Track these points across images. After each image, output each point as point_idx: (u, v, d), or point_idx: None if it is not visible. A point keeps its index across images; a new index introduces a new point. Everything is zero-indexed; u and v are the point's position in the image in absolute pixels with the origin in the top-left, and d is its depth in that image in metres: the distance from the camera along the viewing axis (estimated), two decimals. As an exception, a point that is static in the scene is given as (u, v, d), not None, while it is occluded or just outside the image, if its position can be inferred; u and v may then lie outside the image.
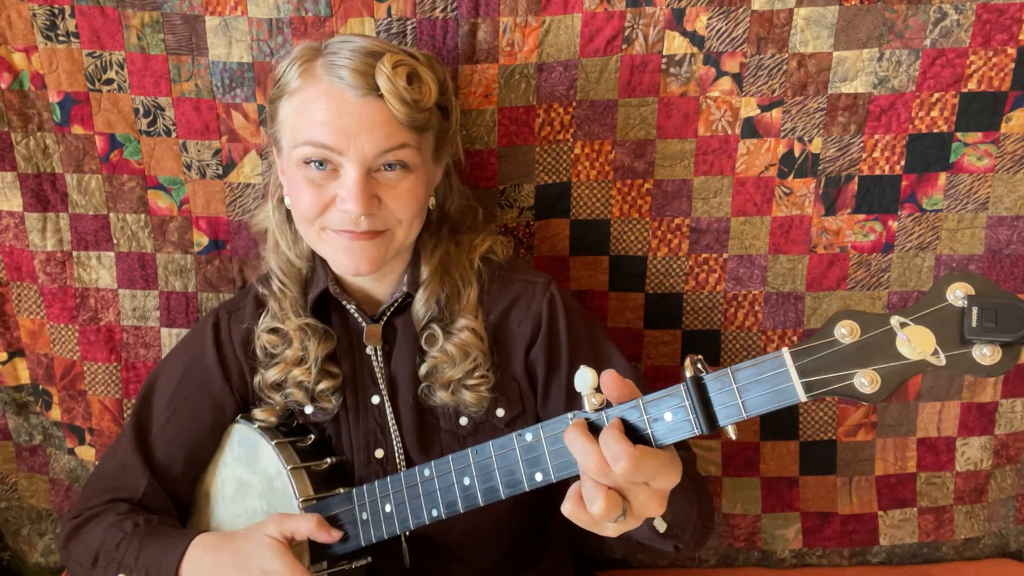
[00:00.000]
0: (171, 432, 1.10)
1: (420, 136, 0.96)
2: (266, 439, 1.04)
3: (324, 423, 1.07)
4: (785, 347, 0.67)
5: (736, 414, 0.67)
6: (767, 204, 1.22)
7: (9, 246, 1.30)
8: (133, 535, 1.02)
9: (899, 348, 0.61)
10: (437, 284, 1.03)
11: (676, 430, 0.70)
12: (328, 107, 0.92)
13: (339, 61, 0.92)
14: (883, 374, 0.62)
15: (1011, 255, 1.23)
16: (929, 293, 0.63)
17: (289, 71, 0.96)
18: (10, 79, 1.21)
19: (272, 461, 1.03)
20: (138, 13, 1.17)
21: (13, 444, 1.44)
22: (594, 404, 0.73)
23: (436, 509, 0.89)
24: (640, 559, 1.38)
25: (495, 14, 1.14)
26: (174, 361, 1.13)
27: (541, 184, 1.23)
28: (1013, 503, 1.38)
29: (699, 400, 0.69)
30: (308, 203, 0.95)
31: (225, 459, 1.11)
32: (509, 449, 0.81)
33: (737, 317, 1.27)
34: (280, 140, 0.99)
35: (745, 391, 0.67)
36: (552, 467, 0.78)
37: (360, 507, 0.95)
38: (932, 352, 0.61)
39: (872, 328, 0.62)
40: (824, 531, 1.36)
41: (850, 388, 0.63)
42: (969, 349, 0.60)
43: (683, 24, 1.14)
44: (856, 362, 0.62)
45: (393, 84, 0.91)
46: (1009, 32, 1.13)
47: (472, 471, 0.85)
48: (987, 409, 1.32)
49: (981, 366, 0.60)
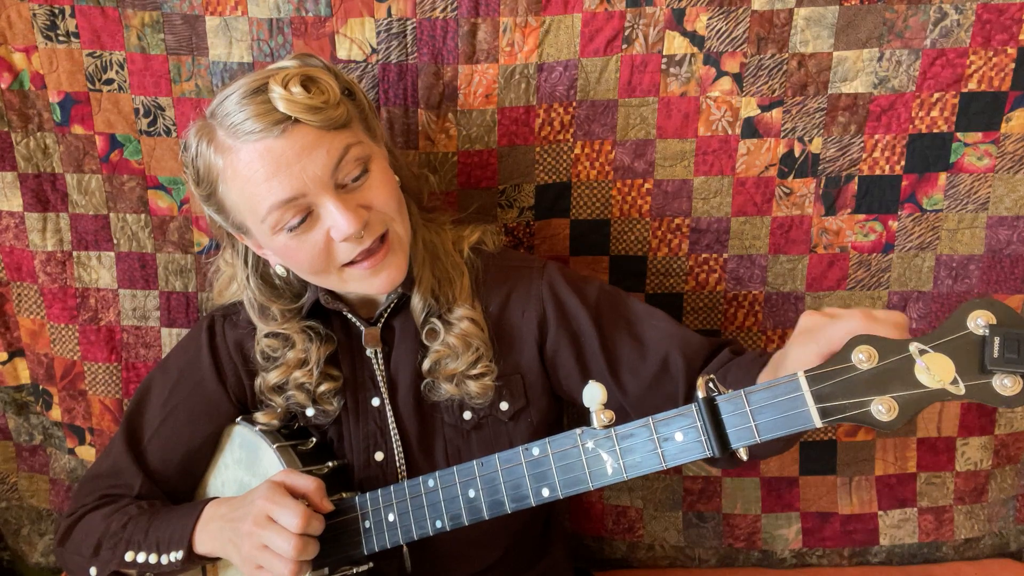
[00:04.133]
0: (165, 436, 1.09)
1: (349, 130, 0.92)
2: (267, 442, 1.04)
3: (326, 425, 1.07)
4: (800, 371, 0.65)
5: (749, 437, 0.66)
6: (767, 204, 1.22)
7: (9, 246, 1.30)
8: (139, 516, 1.03)
9: (918, 376, 0.60)
10: (428, 273, 1.02)
11: (687, 451, 0.69)
12: (263, 166, 0.88)
13: (236, 119, 0.88)
14: (901, 402, 0.60)
15: (1011, 255, 1.23)
16: (949, 320, 0.62)
17: (202, 160, 0.93)
18: (10, 79, 1.21)
19: (273, 464, 1.03)
20: (138, 13, 1.17)
21: (13, 444, 1.44)
22: (603, 421, 0.73)
23: (440, 520, 0.88)
24: (643, 556, 1.39)
25: (495, 14, 1.14)
26: (169, 366, 1.13)
27: (541, 184, 1.24)
28: (1013, 503, 1.38)
29: (711, 421, 0.68)
30: (311, 259, 0.93)
31: (225, 460, 1.11)
32: (515, 464, 0.80)
33: (737, 317, 1.27)
34: (242, 223, 0.95)
35: (759, 414, 0.65)
36: (560, 483, 0.77)
37: (363, 515, 0.95)
38: (951, 381, 0.60)
39: (890, 354, 0.61)
40: (824, 531, 1.36)
41: (867, 415, 0.61)
42: (989, 379, 0.59)
43: (683, 24, 1.14)
44: (874, 389, 0.61)
45: (293, 102, 0.87)
46: (1009, 32, 1.13)
47: (477, 484, 0.84)
48: (987, 409, 1.32)
49: (1002, 396, 0.59)
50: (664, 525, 1.37)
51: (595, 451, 0.74)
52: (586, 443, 0.75)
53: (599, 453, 0.74)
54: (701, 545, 1.38)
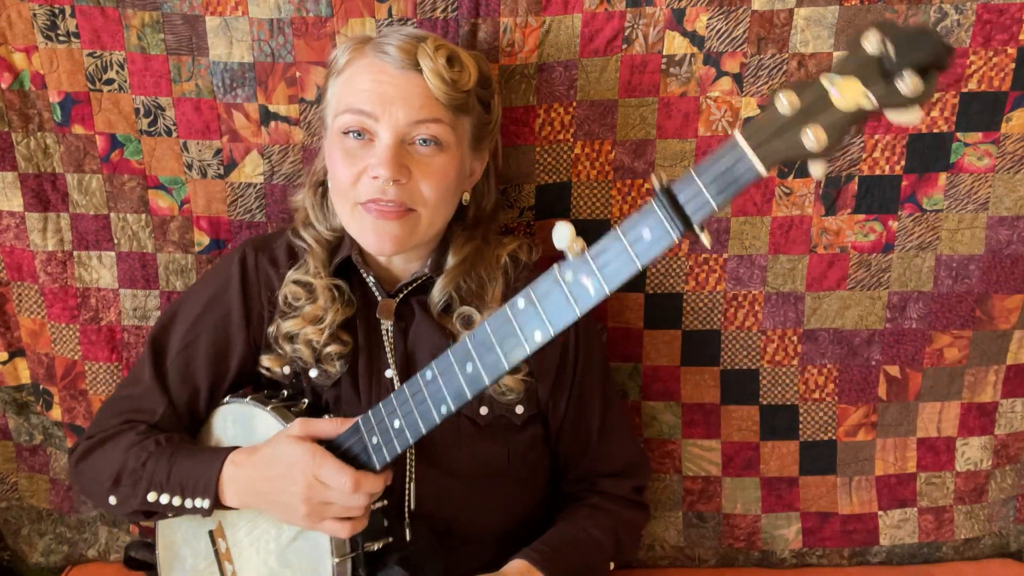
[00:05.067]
0: (184, 361, 1.10)
1: (456, 117, 0.99)
2: (260, 407, 1.04)
3: (324, 387, 1.08)
4: (736, 130, 0.69)
5: (706, 207, 0.69)
6: (767, 204, 1.22)
7: (10, 246, 1.30)
8: (159, 453, 1.02)
9: (834, 103, 0.65)
10: (460, 275, 1.05)
11: (657, 242, 0.72)
12: (369, 77, 0.98)
13: (386, 40, 0.99)
14: (825, 126, 0.65)
15: (1011, 255, 1.23)
16: (847, 48, 0.66)
17: (341, 54, 1.02)
18: (10, 79, 1.21)
19: (271, 425, 1.02)
20: (138, 13, 1.17)
21: (13, 444, 1.44)
22: (576, 251, 0.76)
23: (444, 404, 0.88)
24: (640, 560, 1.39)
25: (495, 14, 1.14)
26: (197, 292, 1.14)
27: (541, 184, 1.24)
28: (1013, 503, 1.38)
29: (672, 207, 0.71)
30: (343, 173, 0.99)
31: (220, 443, 1.09)
32: (504, 320, 0.81)
33: (737, 317, 1.27)
34: (326, 117, 1.04)
35: (710, 185, 0.69)
36: (549, 321, 0.78)
37: (369, 432, 0.94)
38: (863, 96, 0.64)
39: (807, 93, 0.65)
40: (824, 531, 1.36)
41: (799, 147, 0.66)
42: (893, 83, 0.63)
43: (683, 24, 1.14)
44: (801, 124, 0.66)
45: (433, 62, 0.96)
46: (1009, 32, 1.13)
47: (473, 355, 0.84)
48: (987, 409, 1.32)
49: (908, 97, 0.63)
50: (664, 525, 1.37)
51: (575, 279, 0.76)
52: (565, 275, 0.77)
53: (579, 279, 0.76)
54: (701, 545, 1.38)
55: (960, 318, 1.26)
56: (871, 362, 1.28)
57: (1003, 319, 1.26)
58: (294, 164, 1.23)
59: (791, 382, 1.29)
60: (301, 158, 1.22)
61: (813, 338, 1.27)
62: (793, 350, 1.28)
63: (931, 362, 1.28)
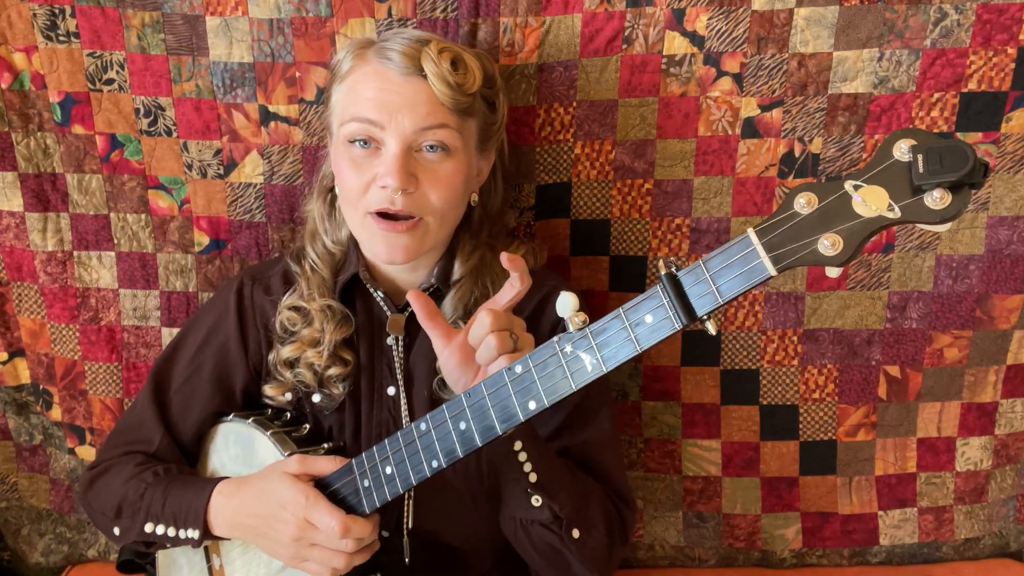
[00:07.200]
0: (187, 393, 1.11)
1: (462, 121, 0.99)
2: (261, 430, 1.04)
3: (327, 412, 1.08)
4: (749, 228, 0.68)
5: (712, 302, 0.69)
6: (767, 204, 1.22)
7: (10, 246, 1.30)
8: (156, 484, 1.04)
9: (856, 209, 0.63)
10: (469, 286, 1.05)
11: (658, 329, 0.72)
12: (374, 84, 0.97)
13: (389, 45, 0.98)
14: (844, 235, 0.63)
15: (1011, 255, 1.23)
16: (876, 154, 0.65)
17: (343, 59, 1.01)
18: (10, 79, 1.21)
19: (270, 452, 1.02)
20: (138, 13, 1.17)
21: (13, 444, 1.45)
22: (577, 324, 0.76)
23: (436, 460, 0.88)
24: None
25: (495, 14, 1.14)
26: (199, 324, 1.14)
27: (541, 184, 1.24)
28: (1013, 503, 1.38)
29: (676, 295, 0.70)
30: (352, 183, 0.98)
31: (221, 460, 1.10)
32: (500, 385, 0.81)
33: (737, 317, 1.27)
34: (331, 124, 1.03)
35: (718, 278, 0.68)
36: (544, 392, 0.79)
37: (361, 475, 0.95)
38: (887, 207, 0.63)
39: (828, 195, 0.64)
40: (824, 531, 1.36)
41: (815, 254, 0.64)
42: (921, 197, 0.62)
43: (683, 24, 1.14)
44: (818, 229, 0.65)
45: (437, 67, 0.95)
46: (1009, 32, 1.13)
47: (467, 415, 0.84)
48: (987, 409, 1.32)
49: (934, 211, 0.61)
50: (664, 525, 1.37)
51: (573, 353, 0.76)
52: (564, 348, 0.77)
53: (577, 354, 0.76)
54: (701, 545, 1.38)
55: (960, 318, 1.26)
56: (871, 362, 1.28)
57: (1003, 319, 1.26)
58: (294, 164, 1.23)
59: (791, 382, 1.29)
60: (301, 158, 1.23)
61: (813, 338, 1.27)
62: (793, 350, 1.28)
63: (931, 362, 1.28)
